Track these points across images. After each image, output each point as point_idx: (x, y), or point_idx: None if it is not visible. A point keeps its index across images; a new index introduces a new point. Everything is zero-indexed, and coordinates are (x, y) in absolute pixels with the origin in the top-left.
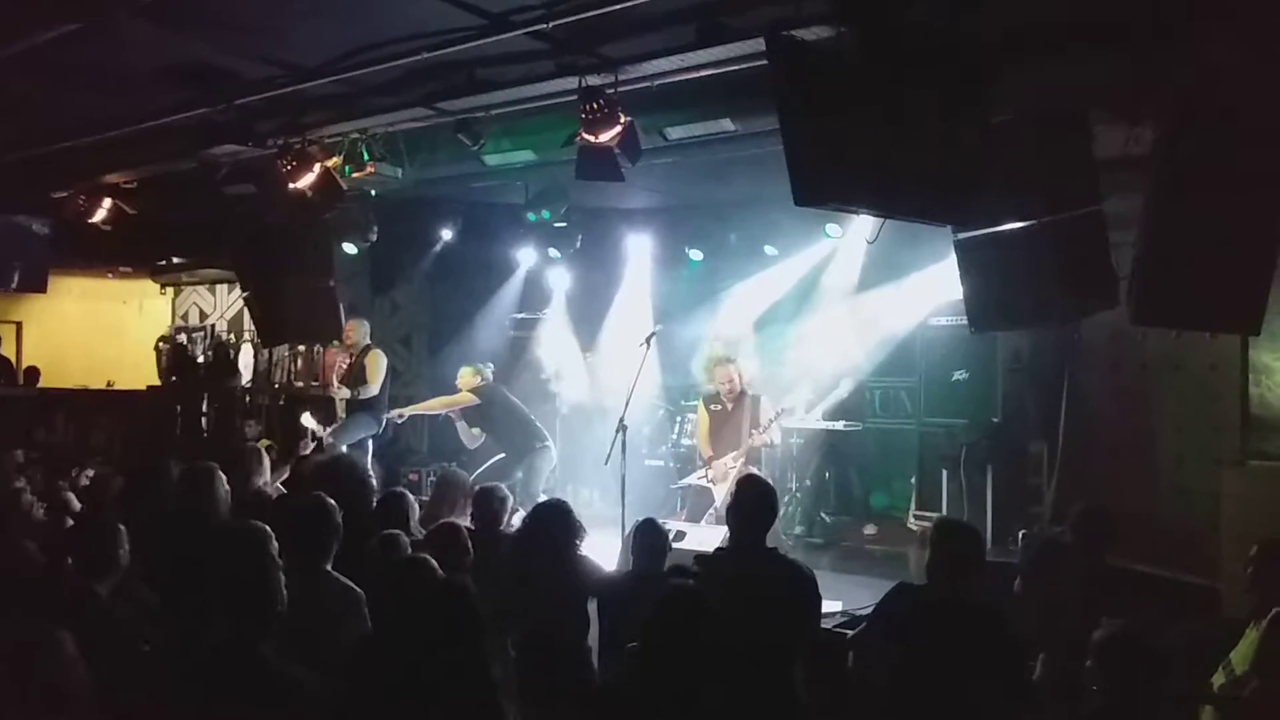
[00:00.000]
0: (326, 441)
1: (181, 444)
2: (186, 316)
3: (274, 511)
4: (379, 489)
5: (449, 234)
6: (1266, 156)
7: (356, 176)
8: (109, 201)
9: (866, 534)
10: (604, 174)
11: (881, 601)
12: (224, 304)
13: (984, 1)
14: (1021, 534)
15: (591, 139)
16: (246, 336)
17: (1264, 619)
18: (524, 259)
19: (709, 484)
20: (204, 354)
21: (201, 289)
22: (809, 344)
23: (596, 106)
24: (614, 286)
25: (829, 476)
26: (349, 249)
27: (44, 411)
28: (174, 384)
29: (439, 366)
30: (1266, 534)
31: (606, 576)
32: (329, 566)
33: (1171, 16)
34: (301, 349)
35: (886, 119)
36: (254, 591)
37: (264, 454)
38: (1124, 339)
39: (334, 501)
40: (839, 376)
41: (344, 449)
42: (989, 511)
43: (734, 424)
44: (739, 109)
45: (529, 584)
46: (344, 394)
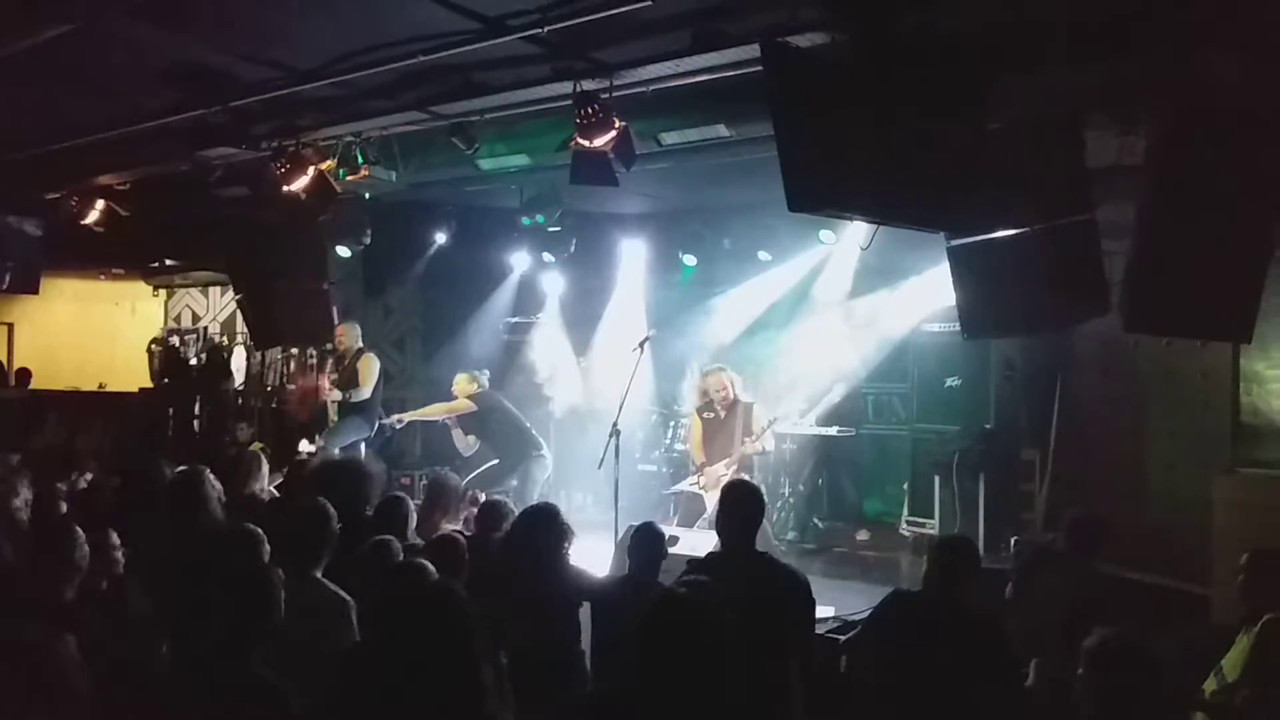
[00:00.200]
0: (318, 444)
1: (173, 446)
2: (179, 319)
3: (268, 516)
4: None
5: (443, 238)
6: (1259, 165)
7: (350, 179)
8: (102, 203)
9: (859, 539)
10: (598, 179)
11: (876, 608)
12: (217, 306)
13: (978, 8)
14: (1013, 540)
15: (586, 144)
16: (239, 339)
17: (1255, 626)
18: (518, 263)
19: (700, 491)
20: (196, 356)
21: (194, 291)
22: (802, 350)
23: (591, 111)
24: (608, 291)
25: (822, 482)
26: (342, 252)
27: (35, 413)
28: (166, 386)
29: (432, 370)
30: (1257, 541)
31: (598, 582)
32: (319, 574)
33: (1167, 23)
34: (295, 352)
35: (880, 125)
36: (248, 596)
37: (263, 459)
38: (1116, 346)
39: (330, 508)
40: (832, 382)
41: (336, 452)
42: (981, 518)
43: (727, 431)
44: (734, 115)
45: (515, 588)
46: (335, 397)
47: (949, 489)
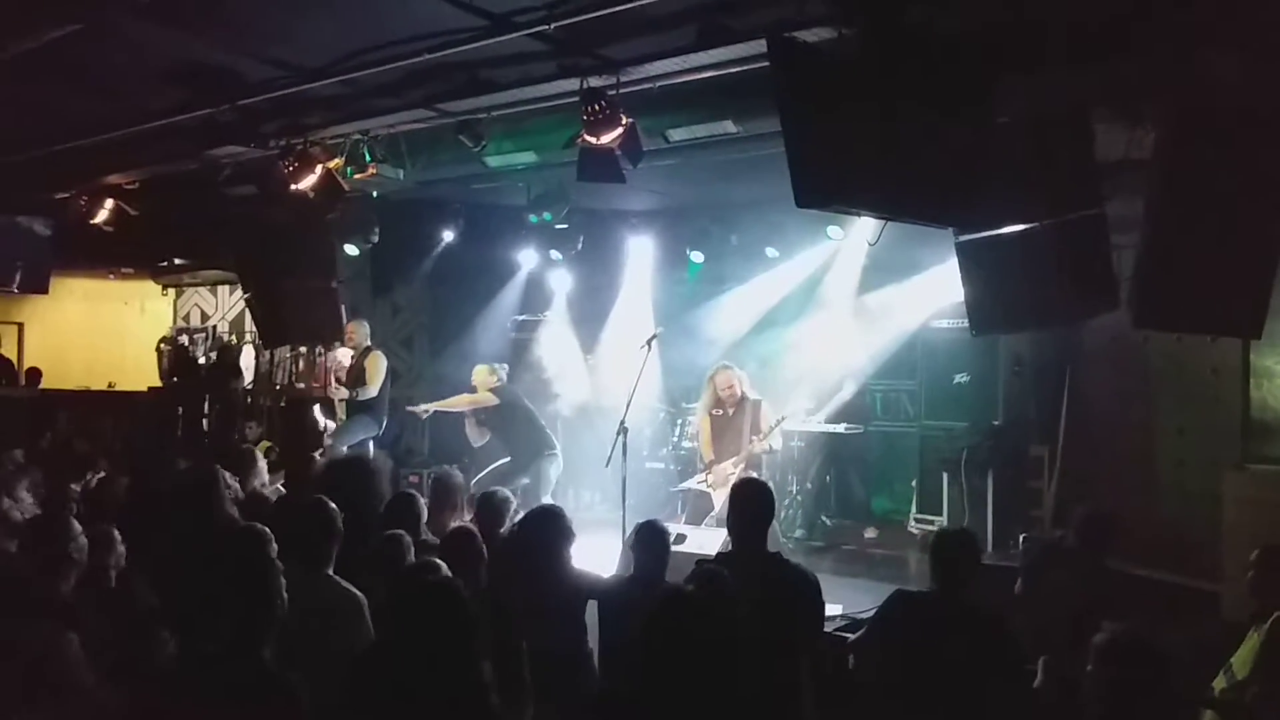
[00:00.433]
0: (327, 441)
1: (182, 445)
2: (188, 318)
3: (275, 513)
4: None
5: (450, 235)
6: (1268, 160)
7: (358, 178)
8: (111, 202)
9: (867, 537)
10: (605, 176)
11: (880, 607)
12: (225, 305)
13: (986, 4)
14: (1022, 537)
15: (593, 141)
16: (248, 338)
17: (1265, 623)
18: (525, 261)
19: (708, 489)
20: (205, 355)
21: (203, 290)
22: (810, 346)
23: (598, 108)
24: (615, 288)
25: (830, 479)
26: (350, 250)
27: (45, 412)
28: (175, 385)
29: (440, 368)
30: (1268, 538)
31: (604, 581)
32: (330, 571)
33: (1168, 23)
34: (303, 350)
35: (888, 121)
36: (254, 595)
37: (257, 455)
38: (1125, 342)
39: (336, 505)
40: (840, 379)
41: (345, 450)
42: (990, 515)
43: (735, 429)
44: (741, 111)
45: (518, 590)
46: (342, 394)
47: (957, 486)
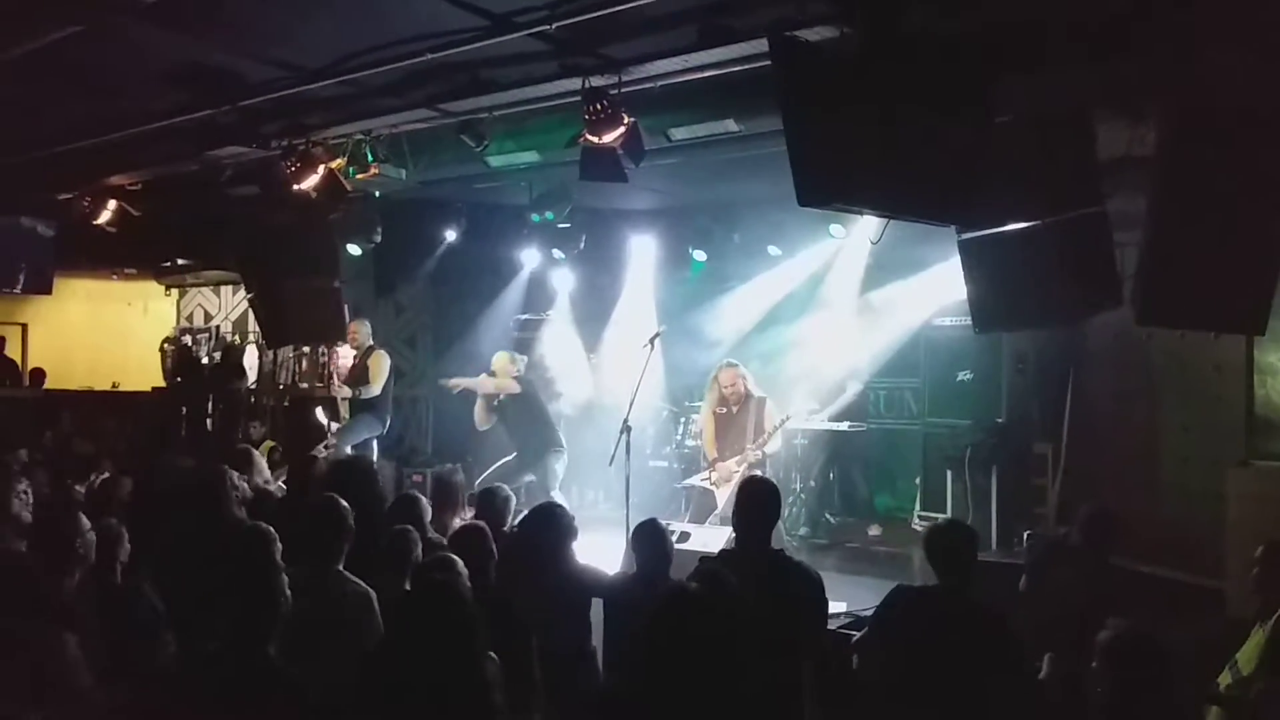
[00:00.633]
0: (330, 441)
1: (186, 445)
2: (191, 318)
3: (282, 511)
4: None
5: (453, 235)
6: (1271, 156)
7: (360, 178)
8: (114, 203)
9: (871, 535)
10: (608, 175)
11: (881, 605)
12: (229, 305)
13: (978, 6)
14: (1026, 535)
15: (595, 140)
16: (251, 338)
17: (1270, 620)
18: (528, 260)
19: (711, 486)
20: (209, 355)
21: (206, 290)
22: (813, 345)
23: (600, 107)
24: (618, 287)
25: (833, 477)
26: (353, 250)
27: (49, 413)
28: (179, 385)
29: (444, 367)
30: (1272, 534)
31: (609, 579)
32: (341, 567)
33: (1168, 23)
34: (306, 350)
35: (890, 119)
36: (256, 593)
37: (253, 454)
38: (1128, 339)
39: (344, 502)
40: (843, 377)
41: (348, 449)
42: (993, 512)
43: (739, 427)
44: (742, 110)
45: (521, 588)
46: (345, 393)
47: (961, 483)
